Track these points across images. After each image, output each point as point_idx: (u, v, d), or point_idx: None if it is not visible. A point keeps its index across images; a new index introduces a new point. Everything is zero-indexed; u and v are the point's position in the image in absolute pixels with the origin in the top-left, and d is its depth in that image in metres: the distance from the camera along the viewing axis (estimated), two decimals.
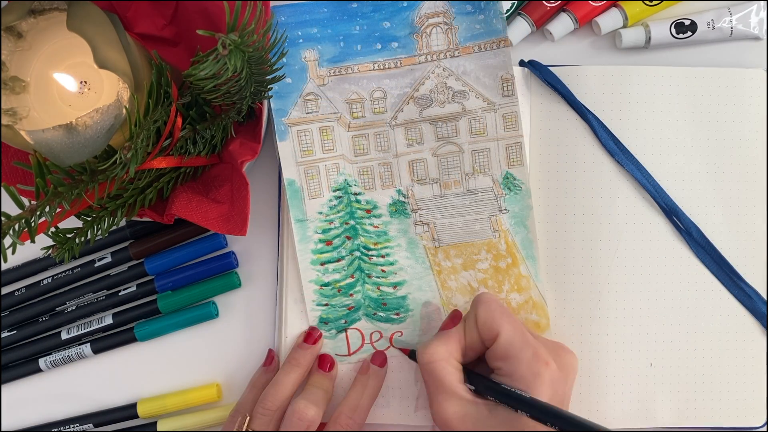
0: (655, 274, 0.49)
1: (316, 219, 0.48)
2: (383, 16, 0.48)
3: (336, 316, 0.48)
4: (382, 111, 0.49)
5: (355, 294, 0.49)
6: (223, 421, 0.48)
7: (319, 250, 0.48)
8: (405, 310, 0.49)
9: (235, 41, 0.34)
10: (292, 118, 0.48)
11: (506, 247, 0.48)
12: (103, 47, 0.38)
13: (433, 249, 0.49)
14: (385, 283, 0.49)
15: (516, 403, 0.40)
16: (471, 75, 0.48)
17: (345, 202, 0.49)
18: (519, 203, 0.48)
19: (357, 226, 0.49)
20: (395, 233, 0.49)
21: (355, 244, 0.49)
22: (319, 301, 0.48)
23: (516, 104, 0.48)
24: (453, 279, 0.49)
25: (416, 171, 0.49)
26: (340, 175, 0.49)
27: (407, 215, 0.49)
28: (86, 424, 0.49)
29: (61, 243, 0.41)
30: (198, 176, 0.47)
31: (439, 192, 0.49)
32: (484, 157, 0.49)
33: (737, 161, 0.50)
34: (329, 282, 0.48)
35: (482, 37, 0.48)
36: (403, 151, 0.49)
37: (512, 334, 0.42)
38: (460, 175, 0.49)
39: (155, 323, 0.50)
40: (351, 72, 0.48)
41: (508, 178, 0.48)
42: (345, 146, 0.49)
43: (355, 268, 0.49)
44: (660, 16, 0.51)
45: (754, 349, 0.49)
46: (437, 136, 0.49)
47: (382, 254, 0.49)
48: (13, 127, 0.40)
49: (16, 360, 0.51)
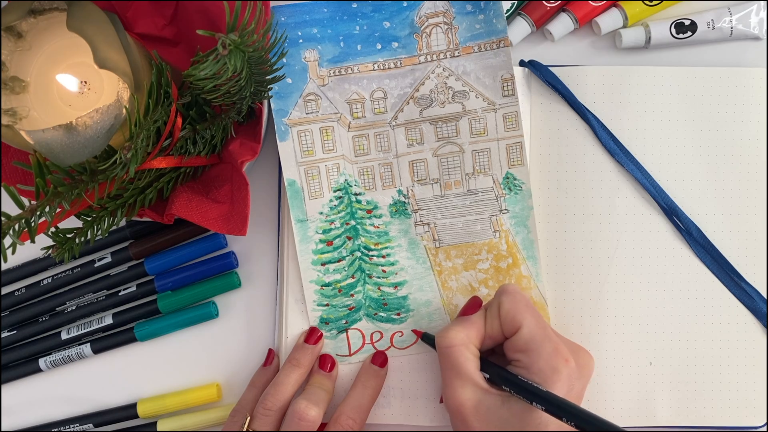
0: (655, 274, 0.49)
1: (317, 219, 0.48)
2: (384, 16, 0.48)
3: (337, 316, 0.48)
4: (383, 111, 0.49)
5: (355, 294, 0.49)
6: (223, 421, 0.48)
7: (320, 251, 0.48)
8: (406, 310, 0.49)
9: (235, 41, 0.34)
10: (293, 118, 0.48)
11: (507, 248, 0.48)
12: (103, 47, 0.38)
13: (433, 249, 0.49)
14: (386, 283, 0.49)
15: (532, 396, 0.39)
16: (471, 75, 0.48)
17: (346, 202, 0.49)
18: (520, 203, 0.48)
19: (358, 226, 0.49)
20: (396, 233, 0.49)
21: (355, 244, 0.49)
22: (320, 301, 0.48)
23: (516, 104, 0.48)
24: (454, 279, 0.49)
25: (417, 171, 0.49)
26: (341, 175, 0.49)
27: (408, 215, 0.49)
28: (86, 424, 0.49)
29: (61, 243, 0.41)
30: (198, 176, 0.47)
31: (440, 192, 0.49)
32: (485, 157, 0.48)
33: (737, 161, 0.50)
34: (330, 282, 0.48)
35: (482, 37, 0.48)
36: (403, 152, 0.49)
37: (534, 328, 0.41)
38: (460, 176, 0.49)
39: (155, 323, 0.50)
40: (351, 72, 0.48)
41: (509, 178, 0.48)
42: (346, 146, 0.49)
43: (356, 268, 0.49)
44: (660, 16, 0.51)
45: (755, 348, 0.49)
46: (438, 136, 0.49)
47: (383, 254, 0.49)
48: (13, 127, 0.40)
49: (16, 360, 0.51)
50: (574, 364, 0.41)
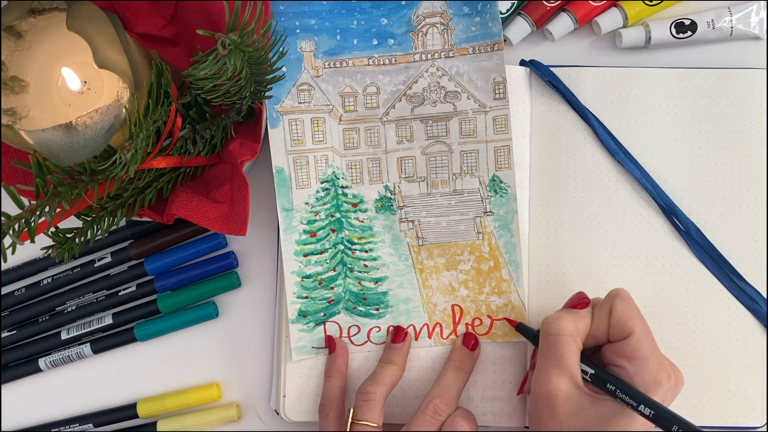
0: (654, 274, 0.49)
1: (302, 209, 0.48)
2: (382, 12, 0.48)
3: (315, 309, 0.48)
4: (375, 106, 0.49)
5: (336, 287, 0.48)
6: (224, 421, 0.48)
7: (303, 241, 0.48)
8: (385, 306, 0.49)
9: (234, 41, 0.34)
10: (285, 106, 0.48)
11: (489, 250, 0.48)
12: (103, 47, 0.38)
13: (416, 247, 0.49)
14: (367, 278, 0.49)
15: (641, 400, 0.39)
16: (464, 76, 0.48)
17: (332, 194, 0.49)
18: (504, 206, 0.48)
19: (342, 219, 0.49)
20: (380, 229, 0.49)
21: (339, 237, 0.49)
22: (300, 293, 0.48)
23: (507, 108, 0.48)
24: (434, 278, 0.49)
25: (405, 168, 0.49)
26: (329, 167, 0.49)
27: (393, 212, 0.49)
28: (86, 424, 0.49)
29: (61, 243, 0.41)
30: (198, 176, 0.47)
31: (426, 190, 0.49)
32: (473, 159, 0.49)
33: (737, 161, 0.50)
34: (311, 274, 0.48)
35: (477, 39, 0.48)
36: (392, 148, 0.49)
37: (645, 337, 0.41)
38: (448, 175, 0.49)
39: (155, 323, 0.50)
40: (346, 65, 0.48)
41: (495, 181, 0.48)
42: (336, 139, 0.49)
43: (337, 261, 0.49)
44: (660, 15, 0.51)
45: (755, 348, 0.49)
46: (428, 135, 0.49)
47: (366, 249, 0.49)
48: (13, 127, 0.40)
49: (16, 360, 0.51)
50: (674, 382, 0.41)
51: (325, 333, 0.48)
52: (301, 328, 0.48)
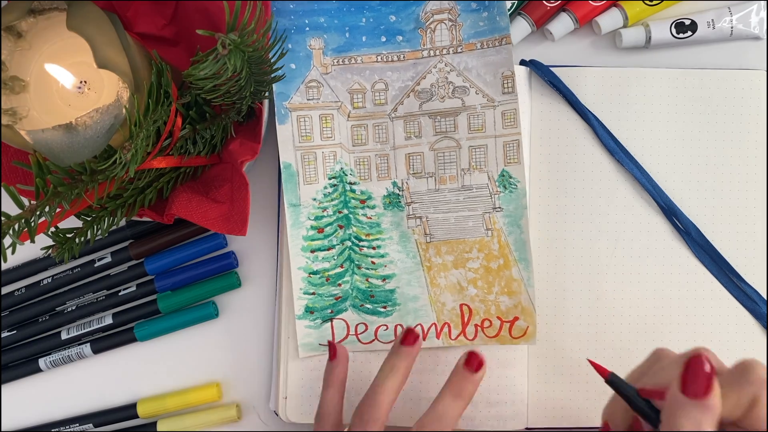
0: (654, 274, 0.49)
1: (309, 205, 0.48)
2: (390, 10, 0.48)
3: (323, 305, 0.48)
4: (383, 103, 0.49)
5: (343, 284, 0.48)
6: (224, 421, 0.48)
7: (311, 237, 0.48)
8: (392, 303, 0.49)
9: (234, 41, 0.34)
10: (294, 102, 0.48)
11: (499, 248, 0.48)
12: (103, 47, 0.38)
13: (424, 244, 0.49)
14: (375, 275, 0.49)
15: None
16: (473, 71, 0.48)
17: (340, 190, 0.49)
18: (514, 202, 0.48)
19: (350, 215, 0.49)
20: (388, 225, 0.49)
21: (347, 233, 0.49)
22: (307, 289, 0.48)
23: (516, 101, 0.48)
24: (443, 276, 0.49)
25: (413, 164, 0.49)
26: (337, 163, 0.49)
27: (401, 208, 0.49)
28: (86, 424, 0.49)
29: (61, 243, 0.41)
30: (198, 176, 0.47)
31: (434, 186, 0.49)
32: (482, 154, 0.48)
33: (737, 161, 0.50)
34: (318, 270, 0.48)
35: (485, 34, 0.48)
36: (401, 144, 0.49)
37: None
38: (456, 171, 0.49)
39: (155, 323, 0.50)
40: (355, 62, 0.48)
41: (504, 176, 0.48)
42: (344, 135, 0.49)
43: (345, 257, 0.49)
44: (660, 15, 0.51)
45: (754, 349, 0.49)
46: (436, 131, 0.49)
47: (374, 246, 0.49)
48: (13, 127, 0.40)
49: (16, 360, 0.51)
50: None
51: (332, 332, 0.48)
52: (308, 324, 0.48)
